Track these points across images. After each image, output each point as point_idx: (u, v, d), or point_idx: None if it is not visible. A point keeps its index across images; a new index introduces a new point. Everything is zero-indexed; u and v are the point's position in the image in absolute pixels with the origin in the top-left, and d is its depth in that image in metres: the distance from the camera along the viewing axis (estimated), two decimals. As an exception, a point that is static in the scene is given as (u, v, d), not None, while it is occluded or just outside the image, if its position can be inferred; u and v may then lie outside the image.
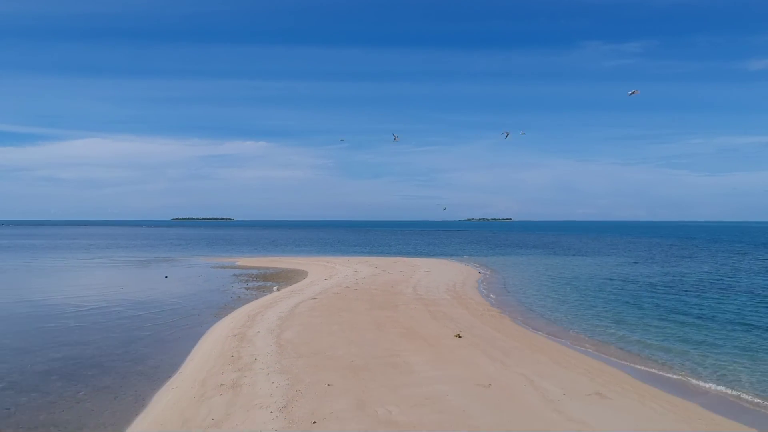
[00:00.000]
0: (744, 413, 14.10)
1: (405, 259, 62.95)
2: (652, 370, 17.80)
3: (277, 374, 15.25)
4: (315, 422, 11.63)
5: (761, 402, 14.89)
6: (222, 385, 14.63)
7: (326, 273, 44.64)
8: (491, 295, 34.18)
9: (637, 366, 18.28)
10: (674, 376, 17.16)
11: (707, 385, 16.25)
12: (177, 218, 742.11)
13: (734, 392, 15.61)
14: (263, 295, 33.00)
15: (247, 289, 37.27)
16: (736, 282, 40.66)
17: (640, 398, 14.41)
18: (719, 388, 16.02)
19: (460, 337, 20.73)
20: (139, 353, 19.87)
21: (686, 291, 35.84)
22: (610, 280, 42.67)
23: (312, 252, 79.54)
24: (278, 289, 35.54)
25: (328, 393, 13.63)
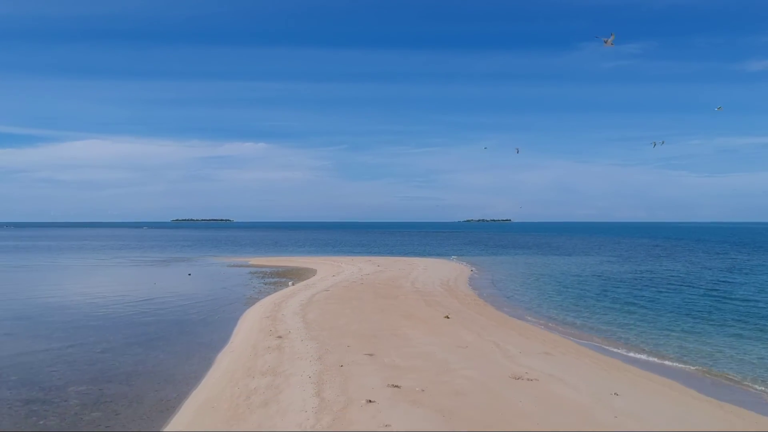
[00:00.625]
0: (655, 367, 19.24)
1: (404, 258, 68.14)
2: (594, 342, 23.00)
3: (309, 340, 20.45)
4: (342, 366, 16.81)
5: (678, 365, 20.06)
6: (269, 347, 19.81)
7: (333, 270, 49.83)
8: (478, 289, 39.40)
9: (582, 340, 23.47)
10: (611, 348, 22.31)
11: (636, 354, 21.46)
12: (177, 219, 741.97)
13: (658, 359, 20.72)
14: (281, 289, 38.15)
15: (265, 284, 42.46)
16: (696, 279, 45.91)
17: (577, 357, 19.61)
18: (642, 354, 21.24)
19: (448, 318, 25.93)
20: (193, 332, 25.02)
21: (646, 286, 41.12)
22: (583, 276, 47.96)
23: (316, 252, 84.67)
24: (293, 284, 40.71)
25: (348, 350, 18.83)
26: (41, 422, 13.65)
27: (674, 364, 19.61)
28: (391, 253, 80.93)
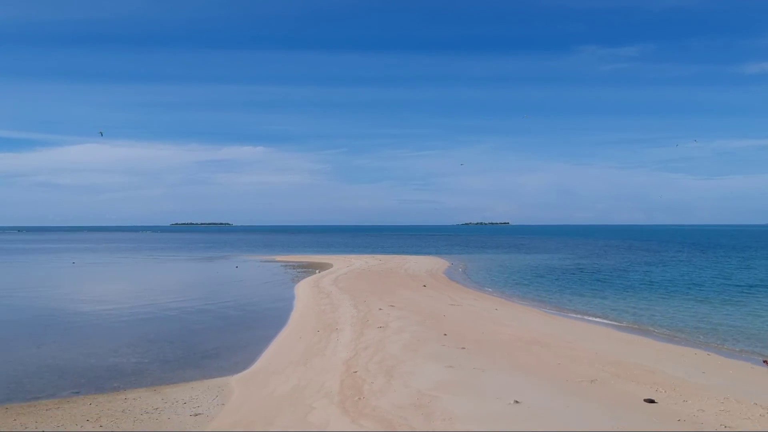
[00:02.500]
0: (566, 315, 35.17)
1: (400, 255, 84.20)
2: (533, 305, 39.00)
3: (344, 293, 36.49)
4: (364, 300, 32.83)
5: (560, 312, 36.08)
6: (322, 296, 35.80)
7: (346, 263, 65.84)
8: (450, 274, 55.46)
9: (521, 302, 39.47)
10: (544, 308, 38.28)
11: (525, 304, 37.53)
12: (176, 223, 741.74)
13: (578, 315, 36.69)
14: (311, 275, 54.05)
15: (298, 272, 58.40)
16: (627, 272, 62.04)
17: (488, 301, 35.61)
18: (568, 311, 37.28)
19: (425, 287, 41.98)
20: (276, 294, 40.97)
21: (585, 274, 57.20)
22: (537, 267, 64.03)
23: (326, 252, 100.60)
24: (319, 272, 56.62)
25: (366, 296, 34.85)
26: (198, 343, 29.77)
27: (553, 307, 35.69)
28: (390, 252, 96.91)
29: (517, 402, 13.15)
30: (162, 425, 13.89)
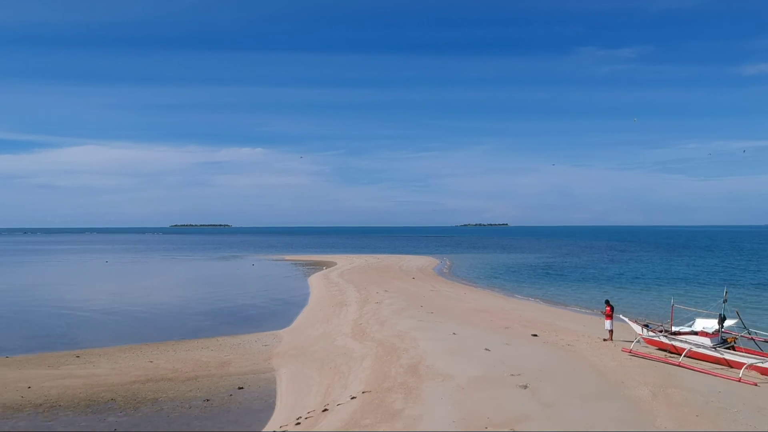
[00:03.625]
0: (514, 297, 45.00)
1: (396, 255, 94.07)
2: (493, 291, 48.83)
3: (349, 283, 46.35)
4: (366, 288, 42.68)
5: (530, 298, 45.99)
6: (332, 286, 45.64)
7: (348, 261, 75.71)
8: (437, 270, 65.32)
9: (485, 289, 49.29)
10: (501, 293, 48.10)
11: (493, 292, 47.39)
12: (175, 225, 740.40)
13: (523, 297, 46.52)
14: (320, 271, 63.83)
15: (307, 269, 68.17)
16: (586, 269, 71.99)
17: (478, 293, 45.46)
18: (518, 295, 47.18)
19: (414, 279, 51.84)
20: (293, 285, 50.77)
21: (550, 270, 67.15)
22: (512, 265, 73.91)
23: (329, 252, 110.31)
24: (326, 268, 66.42)
25: (367, 285, 44.69)
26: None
27: (508, 292, 45.54)
28: (387, 252, 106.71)
29: (454, 334, 23.00)
30: (245, 351, 23.66)
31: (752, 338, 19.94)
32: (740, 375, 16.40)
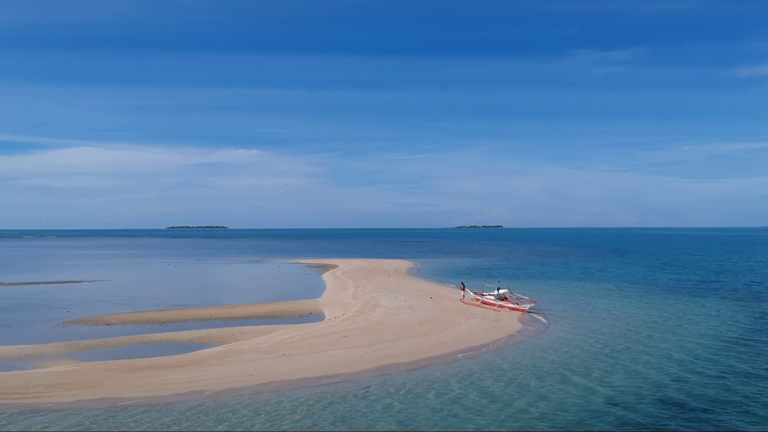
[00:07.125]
0: (450, 285, 74.95)
1: (382, 259, 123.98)
2: (440, 282, 78.70)
3: (349, 279, 76.25)
4: (360, 281, 72.62)
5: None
6: (339, 280, 75.47)
7: (346, 264, 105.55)
8: (410, 271, 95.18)
9: (435, 281, 79.12)
10: (443, 283, 77.97)
11: (449, 284, 77.53)
12: (172, 227, 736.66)
13: (444, 285, 76.49)
14: (328, 270, 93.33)
15: (319, 270, 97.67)
16: (526, 269, 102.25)
17: (429, 284, 75.37)
18: (444, 283, 77.30)
19: (389, 276, 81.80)
20: (311, 282, 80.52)
21: (492, 269, 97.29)
22: (468, 267, 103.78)
23: (331, 256, 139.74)
24: (332, 269, 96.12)
25: (359, 279, 74.55)
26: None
27: (449, 283, 75.49)
28: (374, 257, 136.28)
29: (395, 297, 53.07)
30: (304, 304, 53.31)
31: (515, 295, 50.24)
32: (497, 308, 46.52)
